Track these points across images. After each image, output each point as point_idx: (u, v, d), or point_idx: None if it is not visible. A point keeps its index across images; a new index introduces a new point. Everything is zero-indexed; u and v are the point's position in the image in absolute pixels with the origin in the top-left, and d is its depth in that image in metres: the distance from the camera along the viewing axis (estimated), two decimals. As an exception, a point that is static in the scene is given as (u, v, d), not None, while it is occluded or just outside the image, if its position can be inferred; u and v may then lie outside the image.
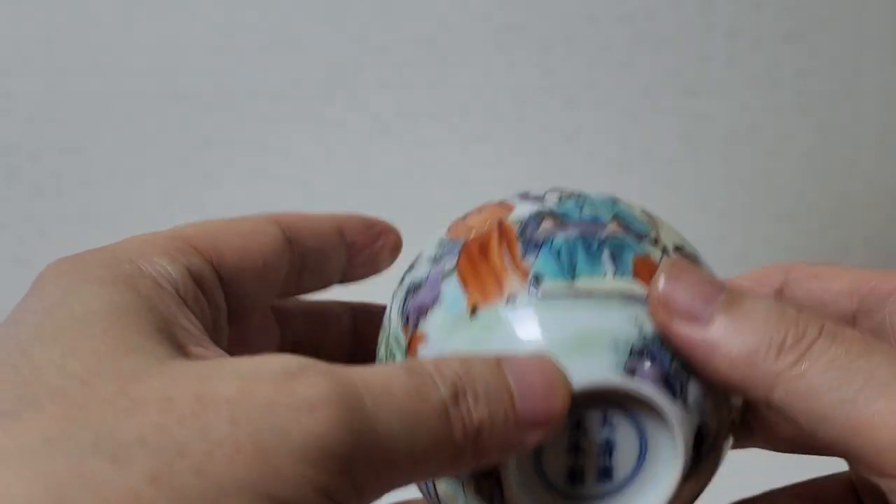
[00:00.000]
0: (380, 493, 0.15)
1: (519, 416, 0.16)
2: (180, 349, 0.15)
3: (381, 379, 0.15)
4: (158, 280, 0.16)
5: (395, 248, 0.23)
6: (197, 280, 0.17)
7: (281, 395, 0.14)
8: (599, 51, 0.56)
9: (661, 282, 0.18)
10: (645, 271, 0.19)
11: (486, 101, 0.57)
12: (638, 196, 0.56)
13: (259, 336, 0.21)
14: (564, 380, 0.17)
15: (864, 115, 0.57)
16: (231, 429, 0.13)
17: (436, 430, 0.15)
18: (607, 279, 0.18)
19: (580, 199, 0.20)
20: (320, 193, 0.60)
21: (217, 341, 0.17)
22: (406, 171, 0.59)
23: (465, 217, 0.21)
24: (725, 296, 0.18)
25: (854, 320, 0.21)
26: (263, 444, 0.13)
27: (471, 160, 0.58)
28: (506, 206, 0.20)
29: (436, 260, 0.20)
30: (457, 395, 0.15)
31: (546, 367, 0.17)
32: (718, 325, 0.17)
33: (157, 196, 0.60)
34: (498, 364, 0.16)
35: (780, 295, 0.22)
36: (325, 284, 0.22)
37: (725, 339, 0.17)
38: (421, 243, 0.21)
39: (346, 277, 0.23)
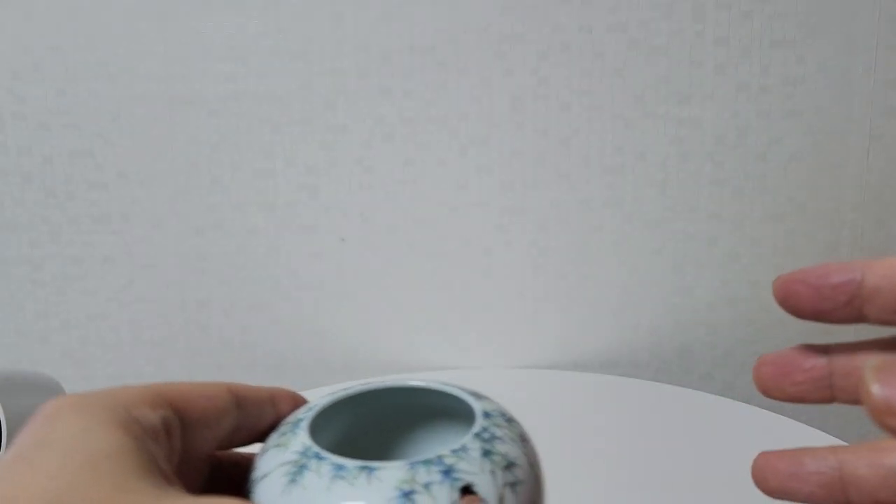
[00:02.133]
0: None
1: None
2: (161, 485, 0.19)
3: None
4: (144, 426, 0.21)
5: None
6: (167, 429, 0.22)
7: None
8: (593, 58, 0.57)
9: (875, 390, 0.18)
10: None
11: (485, 107, 0.58)
12: (631, 198, 0.56)
13: (195, 474, 0.25)
14: None
15: (851, 120, 0.58)
16: None
17: None
18: None
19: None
20: (324, 196, 0.60)
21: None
22: (407, 174, 0.59)
23: None
24: None
25: None
26: None
27: (470, 164, 0.59)
28: None
29: None
30: None
31: None
32: None
33: (165, 199, 0.61)
34: None
35: None
36: (251, 442, 0.26)
37: None
38: (420, 243, 0.21)
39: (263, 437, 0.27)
